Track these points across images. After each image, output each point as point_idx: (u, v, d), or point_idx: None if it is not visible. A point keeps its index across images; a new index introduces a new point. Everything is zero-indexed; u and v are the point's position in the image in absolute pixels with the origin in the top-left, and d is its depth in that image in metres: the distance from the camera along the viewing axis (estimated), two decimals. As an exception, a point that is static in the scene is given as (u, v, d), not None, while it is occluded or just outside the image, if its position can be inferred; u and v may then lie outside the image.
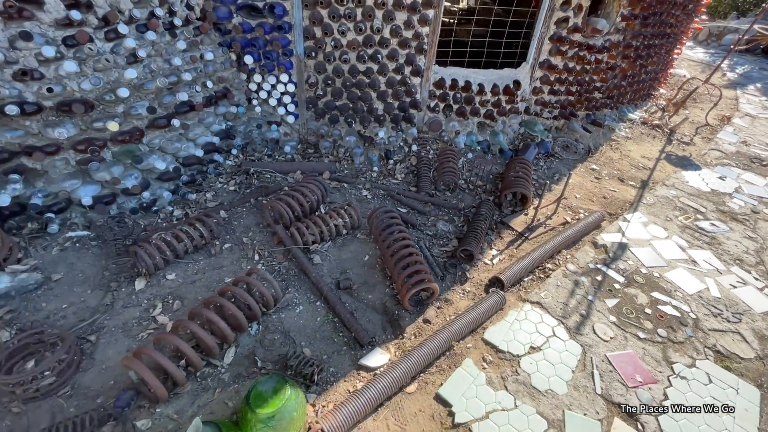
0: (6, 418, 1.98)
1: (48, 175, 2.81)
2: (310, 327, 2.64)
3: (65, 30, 2.60)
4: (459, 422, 2.22)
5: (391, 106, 4.42)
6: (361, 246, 3.37)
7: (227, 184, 3.95)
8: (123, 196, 3.19)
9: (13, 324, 2.38)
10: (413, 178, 4.39)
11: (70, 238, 3.00)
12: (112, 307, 2.58)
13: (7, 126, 2.55)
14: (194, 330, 2.15)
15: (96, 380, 2.20)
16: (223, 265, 3.02)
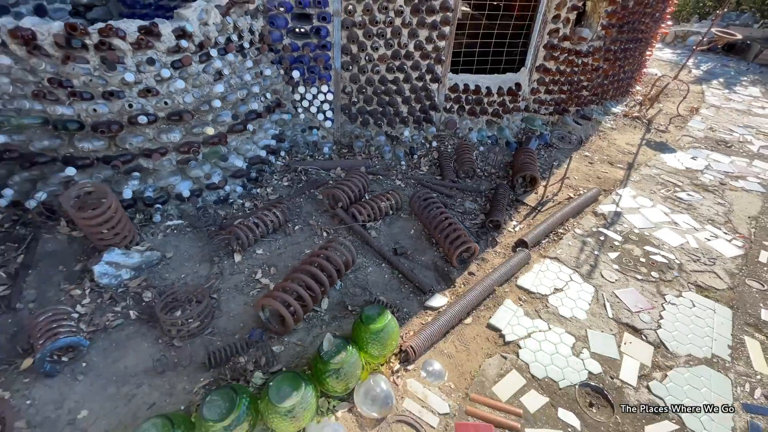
0: (172, 350, 2.59)
1: (157, 173, 3.43)
2: (381, 282, 3.30)
3: (173, 55, 3.25)
4: (509, 341, 2.90)
5: (414, 108, 5.15)
6: (405, 223, 4.05)
7: (281, 181, 4.60)
8: (207, 190, 3.81)
9: (151, 288, 2.98)
10: (436, 169, 5.11)
11: (169, 226, 3.61)
12: (221, 275, 3.20)
13: (134, 133, 3.18)
14: (306, 281, 2.79)
15: (229, 324, 2.81)
16: (299, 242, 3.66)
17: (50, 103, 2.93)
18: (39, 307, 2.73)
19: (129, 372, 2.44)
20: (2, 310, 2.66)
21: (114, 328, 2.67)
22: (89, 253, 3.19)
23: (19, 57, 2.85)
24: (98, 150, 3.13)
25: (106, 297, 2.85)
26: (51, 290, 2.85)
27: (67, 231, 3.31)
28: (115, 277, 2.94)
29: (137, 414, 2.24)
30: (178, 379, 2.43)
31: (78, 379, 2.36)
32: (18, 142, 2.97)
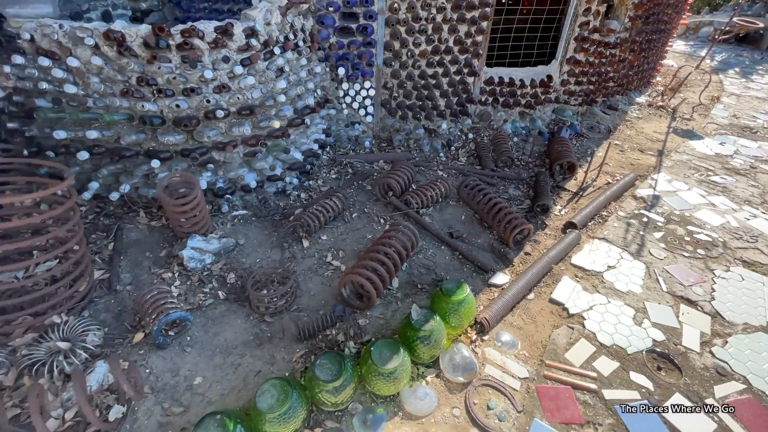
0: (263, 325, 2.77)
1: (227, 165, 3.64)
2: (443, 262, 3.48)
3: (243, 54, 3.46)
4: (572, 313, 3.07)
5: (451, 102, 5.34)
6: (454, 210, 4.23)
7: (329, 173, 4.80)
8: (268, 182, 4.01)
9: (232, 271, 3.17)
10: (474, 159, 5.29)
11: (235, 216, 3.80)
12: (295, 259, 3.39)
13: (209, 127, 3.39)
14: (382, 260, 2.98)
15: (310, 301, 3.00)
16: (359, 228, 3.85)
17: (137, 100, 3.14)
18: (135, 289, 2.93)
19: (230, 344, 2.63)
20: (105, 292, 2.86)
21: (207, 307, 2.87)
22: (170, 240, 3.39)
23: (109, 58, 3.06)
24: (178, 143, 3.34)
25: (194, 279, 3.05)
26: (143, 274, 3.05)
27: (146, 221, 3.51)
28: (200, 261, 3.14)
29: (246, 380, 2.43)
30: (276, 350, 2.61)
31: (186, 350, 2.55)
32: (106, 137, 3.18)
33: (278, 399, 2.11)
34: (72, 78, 3.09)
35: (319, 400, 2.23)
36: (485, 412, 2.41)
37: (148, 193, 3.46)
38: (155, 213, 3.58)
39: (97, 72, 3.10)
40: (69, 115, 3.12)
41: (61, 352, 2.33)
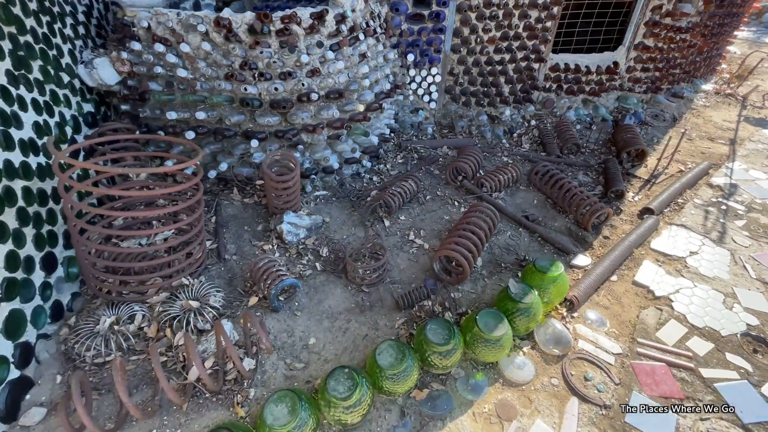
0: (361, 294, 2.95)
1: (313, 147, 3.83)
2: (523, 244, 3.56)
3: (332, 39, 3.61)
4: (658, 295, 3.09)
5: (515, 88, 5.34)
6: (526, 194, 4.29)
7: (396, 158, 4.93)
8: (346, 164, 4.18)
9: (324, 245, 3.37)
10: (537, 146, 5.30)
11: (317, 195, 4.00)
12: (379, 236, 3.56)
13: (302, 110, 3.58)
14: (471, 238, 3.09)
15: (401, 275, 3.16)
16: (434, 210, 3.97)
17: (239, 83, 3.35)
18: (241, 259, 3.17)
19: (334, 311, 2.82)
20: (215, 260, 3.11)
21: (308, 277, 3.07)
22: (263, 216, 3.62)
23: (216, 44, 3.28)
24: (272, 125, 3.54)
25: (292, 252, 3.26)
26: (245, 245, 3.29)
27: (239, 198, 3.76)
28: (296, 235, 3.35)
29: (356, 342, 2.62)
30: (378, 317, 2.79)
31: (296, 314, 2.77)
32: (210, 118, 3.42)
33: (396, 358, 2.28)
34: (182, 63, 3.33)
35: (428, 362, 2.39)
36: (583, 383, 2.50)
37: (242, 171, 3.69)
38: (247, 191, 3.83)
39: (204, 57, 3.33)
40: (179, 97, 3.37)
41: (192, 310, 2.59)
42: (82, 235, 2.52)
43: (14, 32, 2.56)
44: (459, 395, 2.42)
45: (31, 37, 2.74)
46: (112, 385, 2.26)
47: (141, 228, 3.07)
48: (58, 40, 3.08)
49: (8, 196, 2.18)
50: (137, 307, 2.58)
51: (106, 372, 2.31)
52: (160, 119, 3.56)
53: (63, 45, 3.15)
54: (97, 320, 2.46)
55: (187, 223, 2.65)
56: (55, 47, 3.04)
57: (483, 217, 3.36)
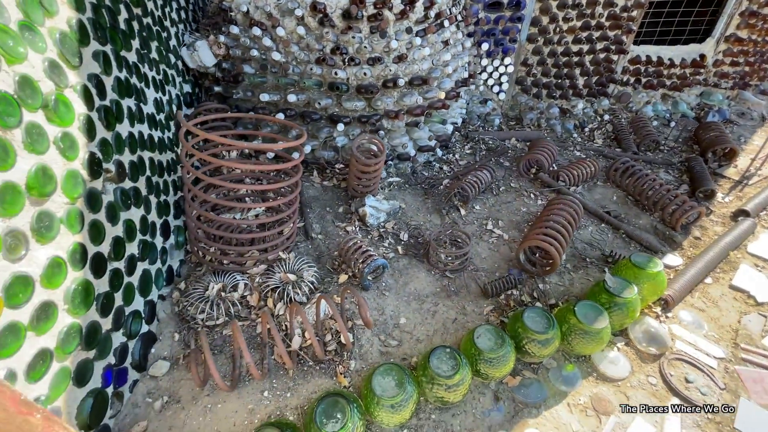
0: (445, 279, 2.98)
1: (392, 133, 3.87)
2: (606, 240, 3.45)
3: (419, 25, 3.62)
4: (761, 302, 2.92)
5: (590, 81, 5.15)
6: (604, 189, 4.15)
7: (463, 148, 4.90)
8: (419, 152, 4.20)
9: (403, 230, 3.42)
10: (611, 141, 5.10)
11: (391, 182, 4.05)
12: (456, 224, 3.56)
13: (386, 95, 3.62)
14: (559, 230, 3.04)
15: (483, 264, 3.16)
16: (510, 201, 3.93)
17: (329, 67, 3.44)
18: (326, 238, 3.28)
19: (420, 293, 2.87)
20: (303, 238, 3.24)
21: (391, 259, 3.13)
22: (343, 199, 3.71)
23: (310, 28, 3.37)
24: (357, 110, 3.61)
25: (374, 234, 3.33)
26: (329, 226, 3.40)
27: (319, 180, 3.88)
28: (377, 219, 3.41)
29: (446, 325, 2.65)
30: (464, 303, 2.81)
31: (385, 294, 2.83)
32: (300, 101, 3.54)
33: (495, 342, 2.29)
34: (277, 46, 3.45)
35: (524, 350, 2.38)
36: (684, 385, 2.41)
37: (324, 155, 3.80)
38: (327, 173, 3.93)
39: (298, 41, 3.43)
40: (271, 80, 3.50)
41: (290, 282, 2.71)
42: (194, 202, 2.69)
43: (140, 14, 2.75)
44: (552, 385, 2.40)
45: (151, 19, 2.92)
46: (224, 347, 2.41)
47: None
48: (167, 23, 3.28)
49: (140, 165, 2.36)
50: (239, 277, 2.73)
51: (216, 334, 2.47)
52: (250, 101, 3.71)
53: (171, 28, 3.34)
54: (206, 286, 2.63)
55: (288, 201, 2.77)
56: (166, 30, 3.23)
57: (569, 210, 3.28)
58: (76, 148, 1.72)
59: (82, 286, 1.67)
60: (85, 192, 1.77)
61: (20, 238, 1.40)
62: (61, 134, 1.63)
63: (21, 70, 1.47)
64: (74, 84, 1.79)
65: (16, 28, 1.49)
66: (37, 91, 1.52)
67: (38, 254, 1.48)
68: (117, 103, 2.15)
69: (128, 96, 2.33)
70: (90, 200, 1.80)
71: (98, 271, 1.81)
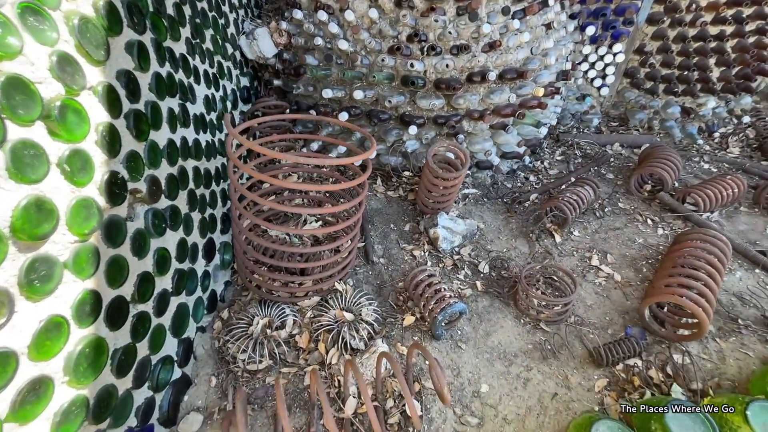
0: (537, 334, 2.34)
1: (473, 137, 3.23)
2: (761, 292, 2.56)
3: (517, 4, 2.91)
4: None
5: (729, 72, 4.04)
6: (751, 218, 3.17)
7: (553, 155, 4.11)
8: (502, 159, 3.51)
9: (482, 259, 2.81)
10: (752, 151, 4.00)
11: (466, 194, 3.43)
12: (551, 255, 2.87)
13: (471, 90, 2.98)
14: (706, 281, 2.24)
15: (589, 314, 2.45)
16: (618, 227, 3.12)
17: (404, 58, 2.87)
18: (389, 262, 2.76)
19: (507, 350, 2.25)
20: (362, 262, 2.76)
21: (467, 298, 2.55)
22: (410, 214, 3.17)
23: (385, 11, 2.82)
24: (434, 109, 3.02)
25: (448, 263, 2.76)
26: (393, 248, 2.88)
27: (383, 190, 3.36)
28: (450, 243, 2.83)
29: (542, 402, 2.02)
30: (567, 371, 2.15)
31: (461, 347, 2.26)
32: (367, 98, 3.02)
33: (623, 451, 1.63)
34: (344, 33, 2.95)
35: (664, 462, 1.69)
36: None
37: (390, 161, 3.27)
38: (392, 182, 3.41)
39: (368, 26, 2.90)
40: (336, 72, 3.02)
41: (346, 323, 2.24)
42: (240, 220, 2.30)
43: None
44: None
45: (206, 3, 2.55)
46: (265, 400, 2.00)
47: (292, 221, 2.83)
48: (225, 8, 2.91)
49: (182, 178, 1.99)
50: (288, 310, 2.31)
51: (258, 382, 2.07)
52: (311, 96, 3.27)
53: (230, 14, 2.97)
54: (250, 320, 2.25)
55: (349, 224, 2.27)
56: (224, 15, 2.86)
57: (714, 250, 2.45)
58: (91, 168, 1.34)
59: (90, 346, 1.31)
60: (103, 223, 1.39)
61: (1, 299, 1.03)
62: (68, 152, 1.25)
63: (10, 69, 1.09)
64: (95, 85, 1.40)
65: (12, 12, 1.11)
66: (35, 97, 1.14)
67: (27, 316, 1.11)
68: (154, 105, 1.77)
69: (171, 95, 1.95)
70: (109, 232, 1.42)
71: (116, 323, 1.45)
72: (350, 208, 2.27)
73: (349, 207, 2.14)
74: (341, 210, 2.13)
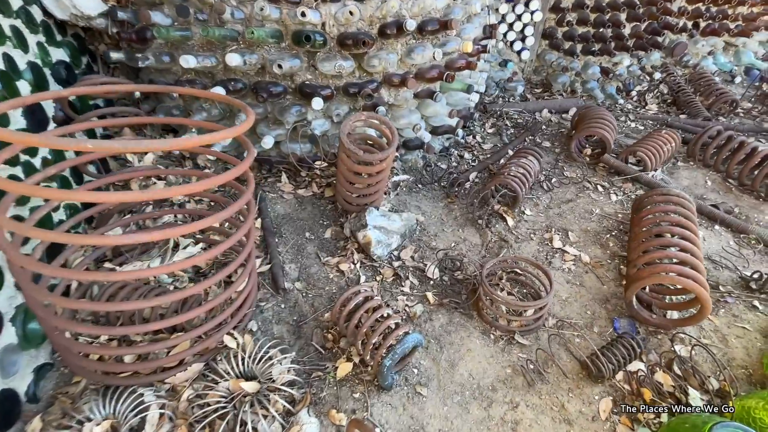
0: (514, 350, 1.78)
1: (396, 109, 2.58)
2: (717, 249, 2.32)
3: (429, -64, 2.30)
4: None
5: (640, 28, 3.95)
6: (691, 172, 3.01)
7: (484, 127, 3.67)
8: (434, 135, 2.94)
9: (430, 261, 2.18)
10: (668, 106, 3.97)
11: (397, 182, 2.79)
12: (507, 243, 2.35)
13: (386, 48, 2.31)
14: (692, 252, 1.86)
15: (566, 310, 1.96)
16: (570, 199, 2.73)
17: (292, 5, 2.10)
18: (308, 287, 2.00)
19: (481, 383, 1.65)
20: (269, 292, 1.95)
21: (419, 318, 1.90)
22: (329, 215, 2.43)
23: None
24: (341, 74, 2.30)
25: (387, 274, 2.08)
26: (312, 264, 2.12)
27: (291, 189, 2.57)
28: (387, 246, 2.16)
29: (543, 454, 1.46)
30: (561, 396, 1.61)
31: (421, 393, 1.61)
32: (249, 65, 2.19)
33: None
34: (201, -26, 2.08)
35: None
36: None
37: (293, 149, 2.48)
38: (302, 177, 2.63)
39: (236, -37, 2.06)
40: (199, 32, 2.13)
41: (247, 397, 1.45)
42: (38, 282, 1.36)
43: None
44: None
45: None
46: None
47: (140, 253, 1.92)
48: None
49: None
50: (150, 396, 1.44)
51: None
52: (169, 70, 2.35)
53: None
54: (79, 427, 1.34)
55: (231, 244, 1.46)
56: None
57: (685, 212, 2.12)
58: None
59: None
60: None
61: None
62: None
63: None
64: None
65: None
66: None
67: None
68: None
69: None
70: None
71: None
72: (230, 216, 1.47)
73: (224, 216, 1.34)
74: (212, 224, 1.33)
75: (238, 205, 1.38)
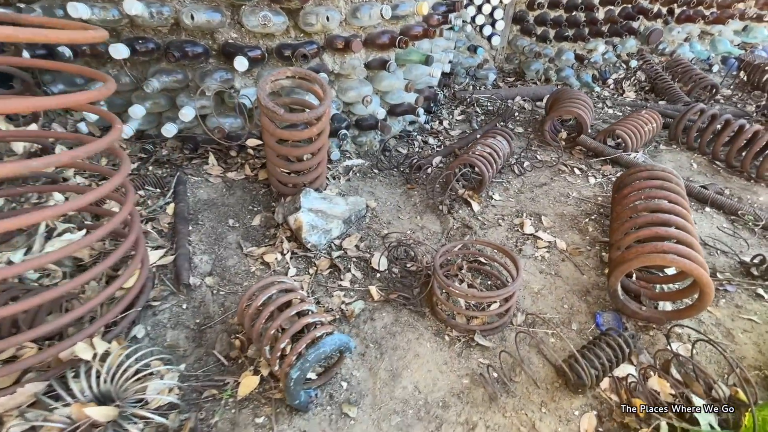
0: (474, 355, 1.40)
1: (342, 81, 2.24)
2: (711, 232, 2.02)
3: None
4: None
5: (614, 12, 3.76)
6: (674, 154, 2.75)
7: (453, 114, 3.37)
8: (392, 116, 2.61)
9: (377, 250, 1.82)
10: (645, 94, 3.76)
11: (349, 167, 2.44)
12: (471, 230, 2.00)
13: (326, 4, 1.98)
14: (687, 230, 1.55)
15: (539, 304, 1.61)
16: (544, 183, 2.42)
17: (207, -54, 1.76)
18: (221, 282, 1.61)
19: (429, 399, 1.27)
20: (169, 289, 1.55)
21: (358, 317, 1.52)
22: (262, 200, 2.05)
23: None
24: (272, 33, 1.95)
25: (322, 265, 1.70)
26: (230, 256, 1.73)
27: (219, 172, 2.18)
28: (325, 234, 1.79)
29: (507, 494, 1.08)
30: (532, 413, 1.24)
31: (349, 414, 1.21)
32: (155, 19, 1.82)
33: None
34: None
35: None
36: None
37: (223, 123, 2.11)
38: (233, 158, 2.25)
39: None
40: (92, -24, 1.77)
41: (98, 430, 1.03)
42: None
43: None
44: None
45: None
46: None
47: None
48: None
49: None
50: (-47, 432, 1.02)
51: None
52: (66, 29, 1.96)
53: None
54: None
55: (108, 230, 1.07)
56: None
57: (673, 187, 1.81)
58: None
59: None
60: None
61: None
62: None
63: None
64: None
65: None
66: None
67: None
68: None
69: None
70: None
71: None
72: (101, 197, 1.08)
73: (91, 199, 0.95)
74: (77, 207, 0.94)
75: (113, 183, 0.99)
